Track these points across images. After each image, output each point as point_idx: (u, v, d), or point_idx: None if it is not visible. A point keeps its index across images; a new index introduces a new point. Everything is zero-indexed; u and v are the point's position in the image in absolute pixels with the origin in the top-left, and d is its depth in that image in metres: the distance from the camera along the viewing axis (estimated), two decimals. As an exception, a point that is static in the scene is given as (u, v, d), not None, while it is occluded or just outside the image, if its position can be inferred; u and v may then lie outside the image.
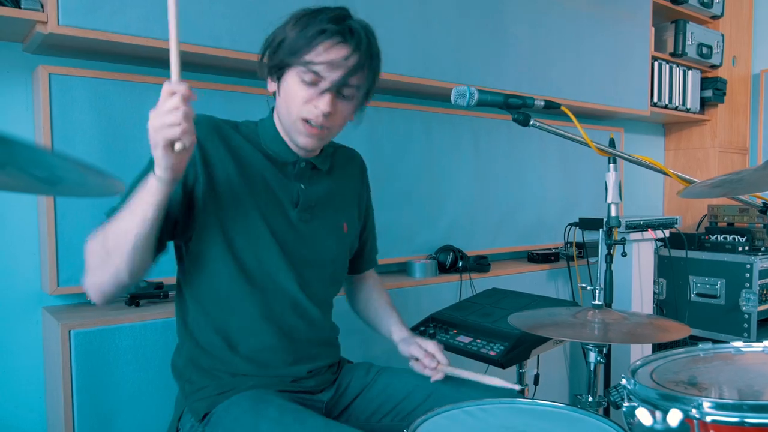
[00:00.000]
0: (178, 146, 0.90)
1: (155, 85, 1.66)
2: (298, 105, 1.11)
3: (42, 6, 1.42)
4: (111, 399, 1.47)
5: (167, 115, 0.88)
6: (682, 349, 1.11)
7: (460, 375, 1.25)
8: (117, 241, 0.99)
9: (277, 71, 1.13)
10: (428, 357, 1.25)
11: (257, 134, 1.21)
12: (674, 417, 0.43)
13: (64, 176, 0.41)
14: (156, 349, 1.51)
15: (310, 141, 1.15)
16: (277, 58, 1.11)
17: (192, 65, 1.77)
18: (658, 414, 0.44)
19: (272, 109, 1.22)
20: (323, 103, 1.09)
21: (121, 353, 1.48)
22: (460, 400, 1.13)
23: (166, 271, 1.36)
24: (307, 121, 1.12)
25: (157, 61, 1.72)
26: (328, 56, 1.07)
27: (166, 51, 1.58)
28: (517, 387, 1.19)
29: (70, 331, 1.42)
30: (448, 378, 1.26)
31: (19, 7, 1.40)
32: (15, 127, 1.63)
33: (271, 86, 1.17)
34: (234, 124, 1.21)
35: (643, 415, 0.44)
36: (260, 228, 1.15)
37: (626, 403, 0.94)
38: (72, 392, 1.42)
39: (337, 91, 1.10)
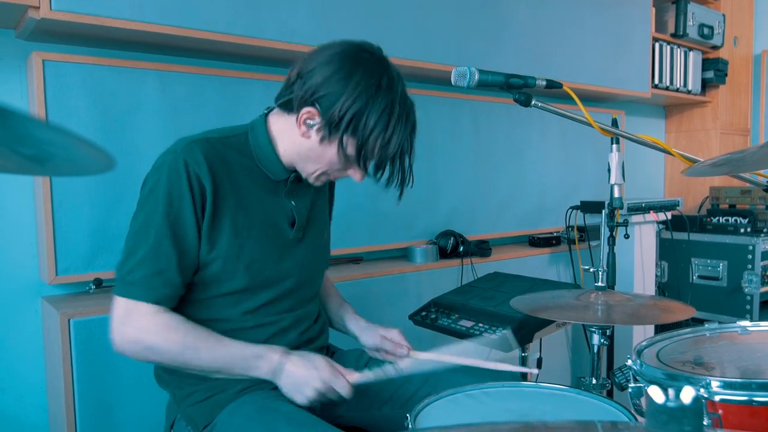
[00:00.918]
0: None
1: (149, 71, 1.63)
2: (329, 167, 1.11)
3: (33, -10, 1.40)
4: (112, 387, 1.46)
5: (334, 392, 1.06)
6: (687, 330, 1.10)
7: (431, 359, 1.21)
8: (199, 368, 1.08)
9: (326, 130, 1.05)
10: (396, 346, 1.24)
11: (249, 148, 1.14)
12: (688, 394, 0.42)
13: (53, 152, 0.39)
14: (156, 337, 1.50)
15: (319, 183, 1.16)
16: (337, 131, 1.04)
17: (187, 50, 1.74)
18: (671, 391, 0.43)
19: (264, 116, 1.15)
20: (357, 178, 1.12)
21: (121, 342, 1.47)
22: (458, 383, 1.11)
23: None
24: (329, 175, 1.13)
25: (151, 47, 1.69)
26: (385, 162, 1.10)
27: (160, 36, 1.59)
28: (535, 371, 1.16)
29: (69, 320, 1.41)
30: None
31: (10, -8, 1.38)
32: (9, 115, 1.60)
33: (305, 132, 1.08)
34: (225, 140, 1.12)
35: (655, 393, 0.43)
36: (260, 258, 1.12)
37: (632, 384, 0.93)
38: (72, 381, 1.42)
39: None
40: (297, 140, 1.10)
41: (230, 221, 1.08)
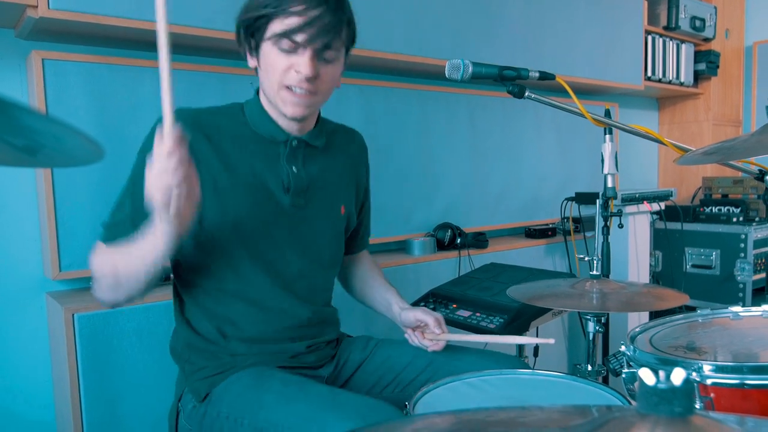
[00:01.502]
0: (173, 209, 0.87)
1: (148, 69, 1.62)
2: (279, 73, 1.06)
3: (32, -10, 1.39)
4: (116, 380, 1.46)
5: (166, 176, 0.85)
6: (680, 316, 1.10)
7: (462, 340, 1.24)
8: (128, 277, 1.01)
9: (255, 44, 1.09)
10: (435, 323, 1.22)
11: (244, 116, 1.15)
12: (678, 375, 0.42)
13: (44, 143, 0.39)
14: (158, 330, 1.50)
15: (297, 109, 1.08)
16: (251, 31, 1.08)
17: (186, 47, 1.73)
18: (662, 373, 0.42)
19: (257, 90, 1.17)
20: (304, 67, 1.03)
21: (124, 335, 1.47)
22: (458, 369, 1.11)
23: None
24: (289, 88, 1.06)
25: (149, 45, 1.68)
26: (300, 19, 1.02)
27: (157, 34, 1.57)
28: (551, 341, 1.14)
29: (73, 314, 1.41)
30: (446, 348, 1.25)
31: (9, -9, 1.37)
32: (10, 114, 1.60)
33: (252, 62, 1.12)
34: (215, 110, 1.15)
35: (646, 375, 0.43)
36: (248, 221, 1.11)
37: (626, 370, 0.93)
38: (78, 374, 1.42)
39: (317, 54, 1.05)
40: (260, 82, 1.12)
41: (211, 181, 1.09)
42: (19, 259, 1.60)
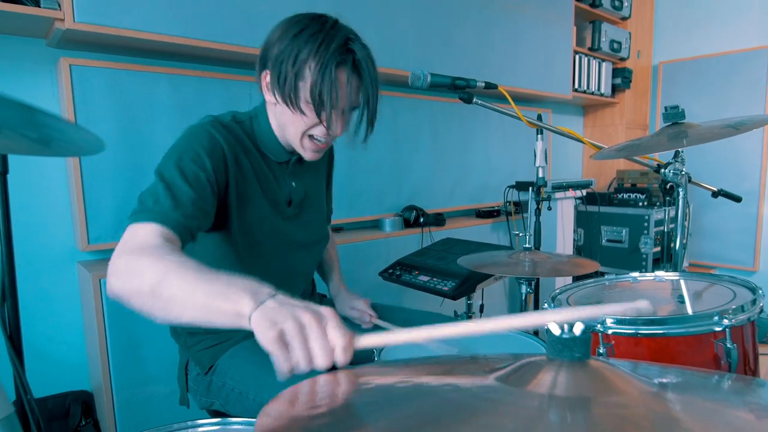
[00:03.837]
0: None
1: (162, 74, 1.58)
2: (303, 124, 0.94)
3: (59, 5, 1.32)
4: (138, 334, 1.44)
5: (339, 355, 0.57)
6: (591, 280, 1.12)
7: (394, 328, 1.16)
8: (165, 303, 0.69)
9: (284, 91, 0.91)
10: (361, 314, 1.18)
11: (253, 132, 1.01)
12: (578, 328, 0.43)
13: (54, 136, 0.37)
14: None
15: (316, 155, 0.98)
16: (288, 89, 0.90)
17: (195, 57, 1.68)
18: (565, 326, 0.43)
19: (263, 104, 1.01)
20: (335, 129, 0.92)
21: (144, 297, 1.44)
22: (414, 323, 1.10)
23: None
24: (313, 137, 0.96)
25: (163, 53, 1.63)
26: (342, 91, 0.89)
27: (170, 44, 1.52)
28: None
29: (100, 279, 1.38)
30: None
31: (39, 6, 1.30)
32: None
33: (270, 96, 0.95)
34: (232, 123, 0.99)
35: (554, 327, 0.43)
36: (261, 230, 1.01)
37: (548, 323, 0.94)
38: (105, 328, 1.39)
39: (345, 114, 0.95)
40: (273, 110, 0.98)
41: (235, 190, 0.96)
42: (54, 234, 1.55)
